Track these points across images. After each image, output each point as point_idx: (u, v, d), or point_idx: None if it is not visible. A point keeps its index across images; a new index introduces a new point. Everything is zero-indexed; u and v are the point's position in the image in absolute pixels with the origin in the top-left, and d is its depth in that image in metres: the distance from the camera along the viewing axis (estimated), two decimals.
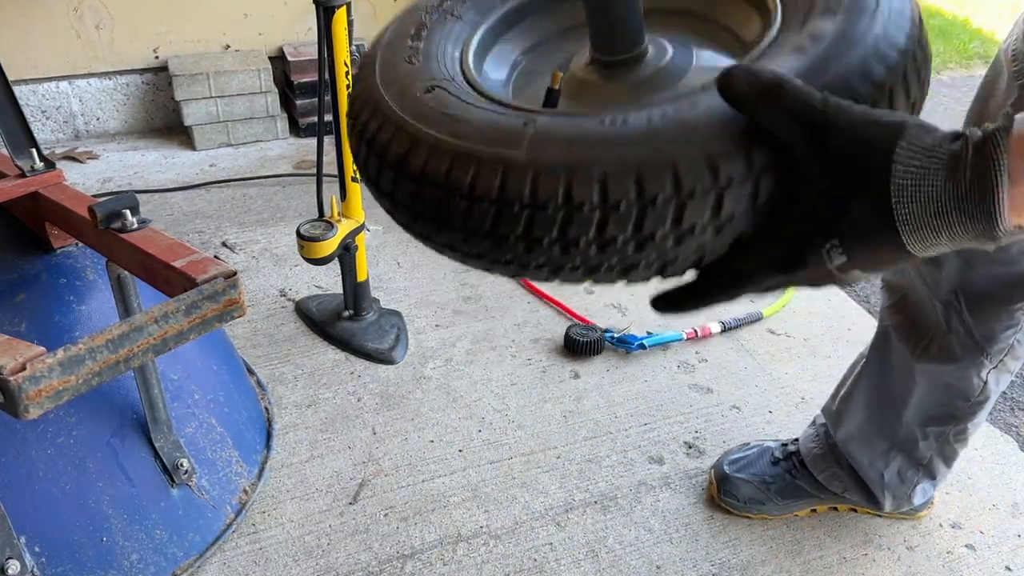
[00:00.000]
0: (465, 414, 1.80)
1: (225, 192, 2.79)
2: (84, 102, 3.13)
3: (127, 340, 0.94)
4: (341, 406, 1.82)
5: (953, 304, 1.24)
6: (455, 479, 1.64)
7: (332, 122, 1.76)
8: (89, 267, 1.41)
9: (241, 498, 1.53)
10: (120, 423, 1.37)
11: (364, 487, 1.61)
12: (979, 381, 1.29)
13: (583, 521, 1.55)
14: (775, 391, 1.89)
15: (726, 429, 1.78)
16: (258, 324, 2.08)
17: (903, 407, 1.37)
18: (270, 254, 2.40)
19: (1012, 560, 1.49)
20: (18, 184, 1.28)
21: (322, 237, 1.74)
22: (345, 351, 1.99)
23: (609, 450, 1.71)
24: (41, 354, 0.88)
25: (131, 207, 1.15)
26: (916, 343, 1.31)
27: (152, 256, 1.08)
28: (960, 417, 1.35)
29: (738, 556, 1.49)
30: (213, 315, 1.03)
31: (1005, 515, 1.59)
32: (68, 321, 1.34)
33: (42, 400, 0.87)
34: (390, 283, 2.26)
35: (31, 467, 1.26)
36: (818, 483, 1.52)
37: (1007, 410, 1.89)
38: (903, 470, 1.44)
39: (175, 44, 3.11)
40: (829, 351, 2.03)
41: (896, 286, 1.36)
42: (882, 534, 1.54)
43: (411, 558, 1.47)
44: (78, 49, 2.99)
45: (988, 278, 1.19)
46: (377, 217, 2.56)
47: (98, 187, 2.81)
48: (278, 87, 3.16)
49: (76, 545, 1.29)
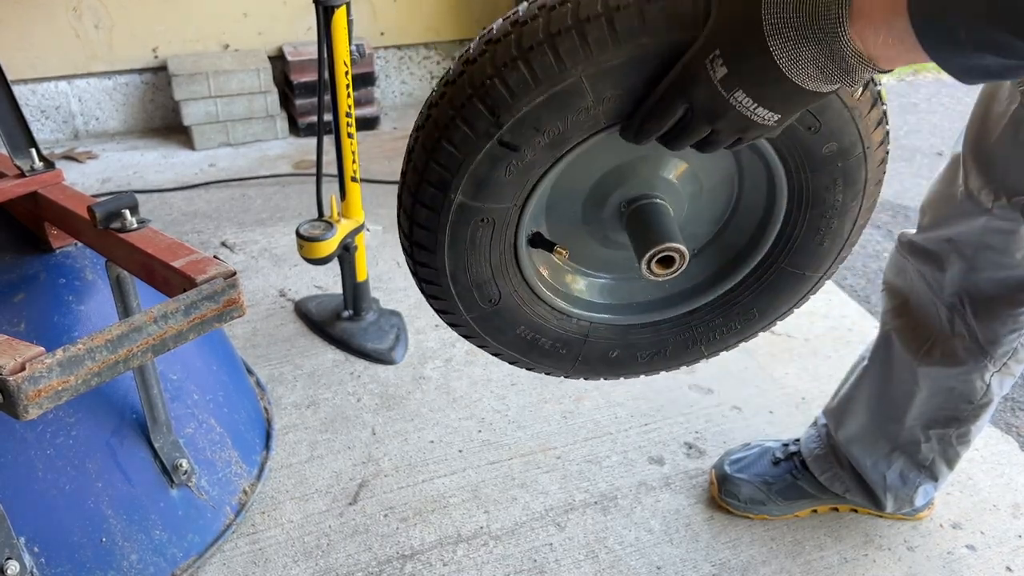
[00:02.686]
0: (465, 414, 1.80)
1: (224, 192, 2.79)
2: (83, 102, 3.12)
3: (126, 340, 0.94)
4: (341, 406, 1.81)
5: (957, 307, 1.24)
6: (455, 479, 1.63)
7: (332, 122, 1.75)
8: (88, 267, 1.41)
9: (241, 498, 1.53)
10: (119, 423, 1.37)
11: (364, 487, 1.61)
12: (982, 384, 1.29)
13: (583, 522, 1.55)
14: (776, 391, 1.89)
15: (727, 429, 1.77)
16: (257, 324, 2.07)
17: (905, 410, 1.37)
18: (269, 254, 2.40)
19: (1012, 560, 1.49)
20: (17, 184, 1.28)
21: (322, 237, 1.73)
22: (345, 351, 1.98)
23: (609, 450, 1.71)
24: (40, 354, 0.87)
25: (130, 207, 1.15)
26: (919, 347, 1.31)
27: (151, 256, 1.08)
28: (963, 420, 1.34)
29: (739, 557, 1.48)
30: (212, 315, 1.02)
31: (1006, 516, 1.58)
32: (67, 321, 1.34)
33: (41, 400, 0.87)
34: (390, 283, 2.26)
35: (31, 467, 1.26)
36: (819, 484, 1.52)
37: (1008, 411, 1.89)
38: (905, 472, 1.44)
39: (174, 44, 3.11)
40: (830, 351, 2.03)
41: (898, 290, 1.36)
42: (883, 534, 1.53)
43: (411, 558, 1.47)
44: (77, 49, 2.99)
45: (993, 281, 1.19)
46: (377, 217, 2.55)
47: (97, 187, 2.80)
48: (278, 87, 3.16)
49: (75, 545, 1.29)
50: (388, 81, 3.56)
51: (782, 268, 0.89)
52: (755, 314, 0.94)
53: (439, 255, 0.78)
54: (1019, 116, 1.05)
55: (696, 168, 0.85)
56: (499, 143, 0.69)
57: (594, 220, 0.87)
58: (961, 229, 1.19)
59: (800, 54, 0.58)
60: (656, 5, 0.63)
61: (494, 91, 0.67)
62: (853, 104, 0.73)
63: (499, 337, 0.89)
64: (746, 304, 0.93)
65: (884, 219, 2.77)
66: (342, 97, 1.71)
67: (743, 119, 0.64)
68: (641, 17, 0.63)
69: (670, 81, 0.65)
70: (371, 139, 3.22)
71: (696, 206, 0.89)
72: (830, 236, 0.85)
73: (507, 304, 0.85)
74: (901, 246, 1.33)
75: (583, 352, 0.93)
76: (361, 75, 3.18)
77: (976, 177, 1.14)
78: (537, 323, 0.89)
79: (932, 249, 1.26)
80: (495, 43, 0.69)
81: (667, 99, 0.65)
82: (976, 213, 1.15)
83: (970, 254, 1.19)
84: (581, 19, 0.64)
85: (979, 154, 1.14)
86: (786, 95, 0.61)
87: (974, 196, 1.15)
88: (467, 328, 0.88)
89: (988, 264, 1.18)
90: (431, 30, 3.48)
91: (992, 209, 1.12)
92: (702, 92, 0.63)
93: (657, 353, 0.96)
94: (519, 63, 0.66)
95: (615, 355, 0.95)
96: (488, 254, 0.79)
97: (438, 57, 3.59)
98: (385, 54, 3.49)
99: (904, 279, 1.34)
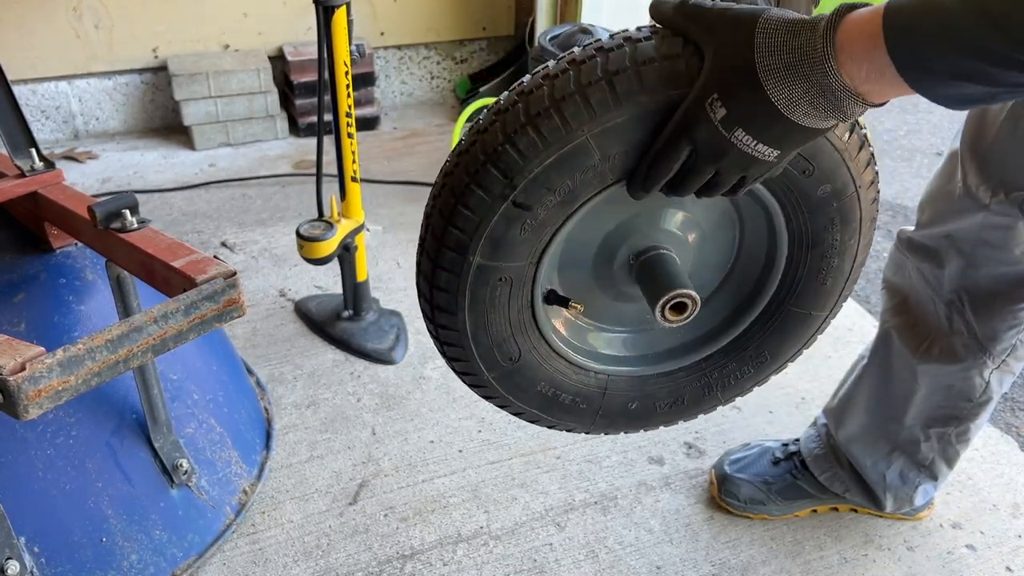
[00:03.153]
0: (465, 414, 1.80)
1: (224, 192, 2.79)
2: (83, 102, 3.12)
3: (126, 340, 0.94)
4: (341, 406, 1.81)
5: (956, 304, 1.24)
6: (455, 479, 1.63)
7: (332, 122, 1.75)
8: (88, 267, 1.41)
9: (241, 498, 1.53)
10: (119, 423, 1.37)
11: (364, 487, 1.61)
12: (981, 382, 1.29)
13: (583, 521, 1.55)
14: (775, 391, 1.89)
15: (726, 429, 1.77)
16: (257, 324, 2.07)
17: (905, 409, 1.37)
18: (269, 254, 2.40)
19: (1012, 560, 1.49)
20: (17, 184, 1.28)
21: (322, 237, 1.73)
22: (345, 351, 1.98)
23: (609, 450, 1.71)
24: (40, 354, 0.87)
25: (130, 207, 1.15)
26: (918, 344, 1.31)
27: (151, 256, 1.08)
28: (962, 418, 1.34)
29: (738, 556, 1.49)
30: (212, 315, 1.02)
31: (1005, 515, 1.58)
32: (67, 321, 1.34)
33: (41, 400, 0.87)
34: (390, 283, 2.26)
35: (31, 467, 1.26)
36: (819, 484, 1.52)
37: (1008, 411, 1.89)
38: (905, 471, 1.44)
39: (174, 44, 3.11)
40: (829, 351, 2.03)
41: (897, 288, 1.36)
42: (882, 534, 1.53)
43: (411, 558, 1.47)
44: (77, 49, 2.99)
45: (991, 277, 1.19)
46: (377, 217, 2.55)
47: (97, 187, 2.80)
48: (278, 87, 3.16)
49: (75, 545, 1.29)
50: (388, 81, 3.56)
51: (789, 309, 0.93)
52: (767, 357, 0.97)
53: (460, 317, 0.82)
54: (1017, 112, 1.05)
55: (698, 219, 0.89)
56: (513, 204, 0.74)
57: (605, 275, 0.90)
58: (959, 225, 1.19)
59: (793, 92, 0.61)
60: (652, 67, 0.68)
61: (506, 156, 0.72)
62: (843, 146, 0.77)
63: (520, 395, 0.92)
64: (757, 348, 0.96)
65: (884, 219, 2.77)
66: (342, 97, 1.71)
67: (745, 156, 0.66)
68: (639, 78, 0.68)
69: (674, 125, 0.68)
70: (371, 139, 3.22)
71: (701, 255, 0.92)
72: (832, 275, 0.89)
73: (527, 361, 0.88)
74: (900, 243, 1.33)
75: (603, 405, 0.96)
76: (361, 75, 3.18)
77: (974, 173, 1.14)
78: (556, 379, 0.92)
79: (931, 246, 1.26)
80: (503, 112, 0.74)
81: (672, 143, 0.68)
82: (974, 209, 1.15)
83: (969, 250, 1.19)
84: (583, 84, 0.69)
85: (977, 150, 1.14)
86: (784, 131, 0.64)
87: (972, 192, 1.15)
88: (489, 388, 0.90)
89: (987, 260, 1.18)
90: (431, 30, 3.48)
91: (990, 205, 1.13)
92: (704, 133, 0.66)
93: (675, 402, 0.99)
94: (528, 128, 0.71)
95: (634, 407, 0.97)
96: (507, 312, 0.83)
97: (438, 57, 3.59)
98: (385, 54, 3.49)
99: (903, 277, 1.34)
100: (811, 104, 0.61)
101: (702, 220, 0.89)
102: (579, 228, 0.82)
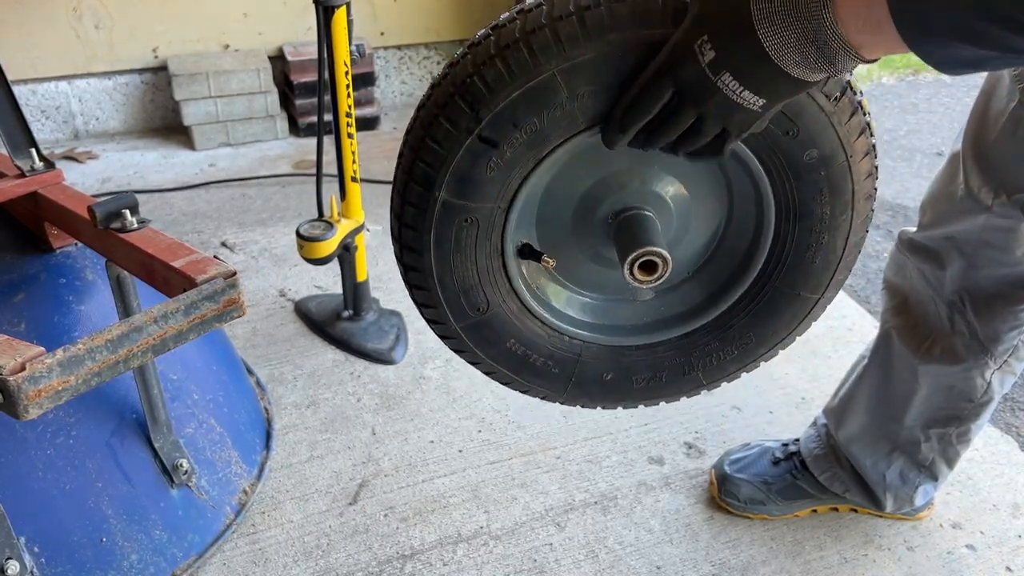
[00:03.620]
0: (465, 414, 1.80)
1: (224, 192, 2.79)
2: (83, 102, 3.12)
3: (126, 340, 0.94)
4: (341, 406, 1.81)
5: (957, 305, 1.24)
6: (455, 479, 1.63)
7: (332, 122, 1.75)
8: (88, 267, 1.41)
9: (241, 498, 1.53)
10: (119, 423, 1.37)
11: (364, 487, 1.61)
12: (982, 382, 1.29)
13: (583, 521, 1.55)
14: (775, 391, 1.89)
15: (726, 429, 1.77)
16: (257, 324, 2.07)
17: (905, 409, 1.37)
18: (269, 254, 2.40)
19: (1012, 560, 1.49)
20: (17, 184, 1.28)
21: (322, 237, 1.73)
22: (345, 351, 1.98)
23: (609, 450, 1.71)
24: (40, 354, 0.87)
25: (130, 207, 1.15)
26: (919, 345, 1.31)
27: (151, 256, 1.08)
28: (963, 418, 1.34)
29: (738, 556, 1.48)
30: (212, 315, 1.02)
31: (1005, 515, 1.58)
32: (67, 321, 1.34)
33: (41, 400, 0.87)
34: (390, 283, 2.26)
35: (31, 467, 1.26)
36: (819, 484, 1.52)
37: (1008, 411, 1.89)
38: (905, 471, 1.44)
39: (174, 44, 3.11)
40: (829, 351, 2.03)
41: (898, 288, 1.36)
42: (882, 534, 1.53)
43: (411, 558, 1.47)
44: (77, 49, 2.99)
45: (993, 279, 1.19)
46: (377, 217, 2.55)
47: (97, 187, 2.80)
48: (278, 87, 3.16)
49: (75, 545, 1.29)
50: (388, 81, 3.56)
51: (776, 288, 0.89)
52: (752, 339, 0.94)
53: (426, 256, 0.82)
54: (1018, 114, 1.05)
55: (685, 183, 0.87)
56: (479, 138, 0.73)
57: (584, 233, 0.88)
58: (961, 227, 1.19)
59: (786, 38, 0.60)
60: (624, 3, 0.67)
61: (473, 88, 0.71)
62: (831, 109, 0.74)
63: (489, 350, 0.90)
64: (742, 328, 0.93)
65: (884, 219, 2.77)
66: (342, 97, 1.71)
67: (728, 102, 0.65)
68: (610, 14, 0.67)
69: (658, 64, 0.66)
70: (371, 139, 3.22)
71: (686, 223, 0.89)
72: (822, 252, 0.86)
73: (496, 314, 0.87)
74: (901, 244, 1.33)
75: (576, 372, 0.94)
76: (361, 75, 3.18)
77: (976, 175, 1.14)
78: (528, 337, 0.90)
79: (932, 247, 1.26)
80: (475, 46, 0.73)
81: (654, 82, 0.66)
82: (976, 211, 1.15)
83: (970, 252, 1.19)
84: (554, 18, 0.68)
85: (979, 152, 1.14)
86: (771, 79, 0.63)
87: (974, 194, 1.15)
88: (458, 340, 0.89)
89: (988, 262, 1.18)
90: (431, 30, 3.48)
91: (992, 207, 1.12)
92: (690, 74, 0.64)
93: (653, 378, 0.96)
94: (496, 60, 0.70)
95: (609, 378, 0.95)
96: (475, 256, 0.82)
97: (438, 57, 3.59)
98: (385, 54, 3.49)
99: (904, 277, 1.34)
100: (803, 53, 0.60)
101: (689, 185, 0.87)
102: (559, 182, 0.81)
